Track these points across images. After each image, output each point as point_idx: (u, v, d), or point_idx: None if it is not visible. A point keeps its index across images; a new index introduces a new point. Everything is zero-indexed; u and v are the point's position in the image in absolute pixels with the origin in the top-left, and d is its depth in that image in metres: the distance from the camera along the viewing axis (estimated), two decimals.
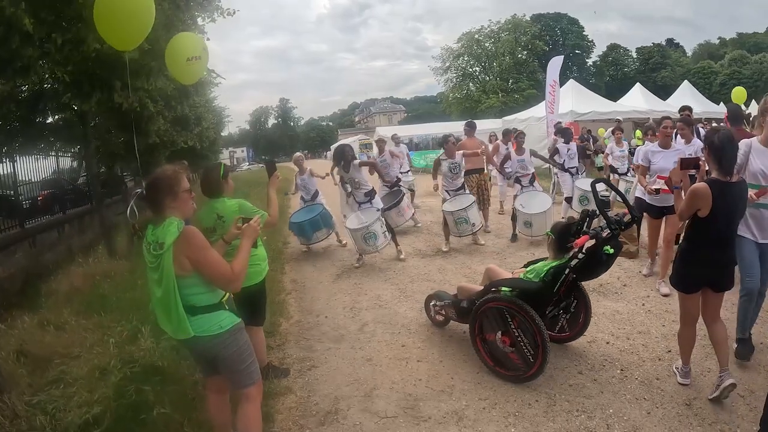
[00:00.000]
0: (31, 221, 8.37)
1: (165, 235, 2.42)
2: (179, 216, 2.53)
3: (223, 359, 2.63)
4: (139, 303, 5.57)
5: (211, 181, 3.65)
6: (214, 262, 2.50)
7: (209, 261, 2.49)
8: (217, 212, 3.57)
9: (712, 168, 3.23)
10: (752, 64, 50.39)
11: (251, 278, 3.62)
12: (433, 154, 26.69)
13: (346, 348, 4.48)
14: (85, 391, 3.63)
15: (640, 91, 23.16)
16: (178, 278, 2.44)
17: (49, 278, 7.13)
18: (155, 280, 2.49)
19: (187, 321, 2.46)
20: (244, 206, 3.61)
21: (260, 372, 3.76)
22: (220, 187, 3.65)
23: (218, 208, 3.58)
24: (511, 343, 3.63)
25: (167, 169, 2.61)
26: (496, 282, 3.92)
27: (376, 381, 3.85)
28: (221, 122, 22.03)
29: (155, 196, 2.52)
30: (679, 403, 3.25)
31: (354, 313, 5.35)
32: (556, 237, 3.74)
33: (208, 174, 3.72)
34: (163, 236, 2.43)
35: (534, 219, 7.64)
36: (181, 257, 2.43)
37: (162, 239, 2.43)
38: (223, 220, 3.54)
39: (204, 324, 2.54)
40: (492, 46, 55.36)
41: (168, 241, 2.40)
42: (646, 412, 3.19)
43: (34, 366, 4.22)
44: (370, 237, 6.95)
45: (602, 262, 3.57)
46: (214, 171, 3.72)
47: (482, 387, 3.66)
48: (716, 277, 3.28)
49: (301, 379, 3.93)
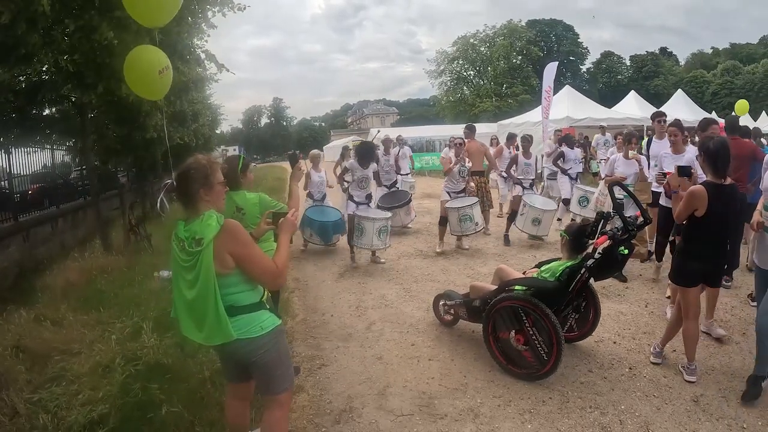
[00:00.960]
0: (25, 215, 8.21)
1: (204, 230, 2.24)
2: (213, 209, 2.37)
3: (261, 364, 2.43)
4: (138, 299, 5.48)
5: (230, 172, 3.54)
6: (259, 257, 2.34)
7: (255, 257, 2.32)
8: (236, 204, 3.52)
9: (707, 171, 3.54)
10: (744, 74, 50.95)
11: None
12: (428, 156, 26.82)
13: (355, 346, 4.41)
14: (88, 388, 3.53)
15: (634, 98, 23.37)
16: (218, 276, 2.26)
17: (44, 273, 6.98)
18: (188, 280, 2.30)
19: (229, 323, 2.26)
20: (264, 200, 3.55)
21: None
22: (238, 179, 3.57)
23: (237, 201, 3.53)
24: (525, 342, 3.64)
25: (200, 158, 2.41)
26: (511, 281, 3.91)
27: (388, 379, 3.79)
28: (216, 120, 21.81)
29: (188, 188, 2.32)
30: (686, 399, 3.36)
31: (360, 312, 5.28)
32: (571, 237, 3.82)
33: (230, 163, 3.64)
34: (201, 231, 2.25)
35: (544, 216, 7.74)
36: (223, 253, 2.25)
37: (200, 235, 2.24)
38: (243, 212, 3.49)
39: (244, 326, 2.35)
40: (487, 50, 55.53)
41: (208, 237, 2.22)
42: (656, 408, 3.28)
43: (32, 362, 4.11)
44: (384, 232, 6.86)
45: (617, 263, 3.70)
46: (233, 162, 3.64)
47: (495, 385, 3.67)
48: (711, 270, 3.62)
49: (312, 378, 3.85)
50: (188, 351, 4.03)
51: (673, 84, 51.74)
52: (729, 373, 3.67)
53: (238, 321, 2.33)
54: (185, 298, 2.32)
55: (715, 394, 3.40)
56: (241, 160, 3.66)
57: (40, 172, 10.00)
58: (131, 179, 15.50)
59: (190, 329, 2.36)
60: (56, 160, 10.97)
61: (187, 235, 2.31)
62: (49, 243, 8.62)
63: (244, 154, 3.29)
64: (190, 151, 18.14)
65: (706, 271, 3.58)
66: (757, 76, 50.07)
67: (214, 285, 2.24)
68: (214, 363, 3.76)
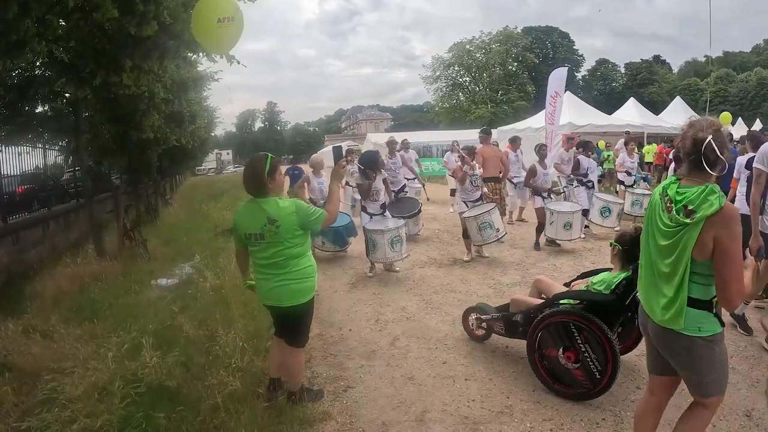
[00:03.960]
0: (14, 216, 7.73)
1: (703, 204, 2.06)
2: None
3: (688, 363, 2.28)
4: (135, 311, 5.03)
5: (255, 175, 2.98)
6: (739, 260, 2.10)
7: (736, 256, 2.08)
8: (268, 215, 2.93)
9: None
10: (738, 82, 51.42)
11: (305, 294, 3.11)
12: (427, 162, 26.49)
13: (381, 365, 3.99)
14: (83, 415, 3.09)
15: (634, 105, 23.31)
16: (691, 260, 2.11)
17: (33, 279, 6.51)
18: (666, 247, 2.18)
19: (684, 312, 2.15)
20: (301, 208, 3.01)
21: (292, 395, 3.29)
22: (265, 184, 2.98)
23: (269, 211, 2.94)
24: (576, 360, 3.31)
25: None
26: (561, 294, 3.56)
27: (424, 403, 3.38)
28: (212, 122, 21.34)
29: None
30: (739, 414, 3.20)
31: (381, 326, 4.87)
32: (624, 247, 3.46)
33: (251, 167, 3.02)
34: (700, 204, 2.07)
35: (574, 218, 7.51)
36: (707, 237, 2.07)
37: (699, 207, 2.07)
38: (277, 225, 2.92)
39: (688, 320, 2.17)
40: (483, 56, 55.68)
41: (706, 213, 2.05)
42: (711, 425, 3.03)
43: (20, 382, 3.68)
44: (397, 242, 6.50)
45: None
46: (257, 164, 2.99)
47: (543, 406, 3.34)
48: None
49: (339, 403, 3.42)
50: (195, 372, 3.61)
51: (667, 92, 52.11)
52: None
53: (688, 313, 2.18)
54: (659, 268, 2.25)
55: (765, 408, 3.23)
56: (268, 161, 2.99)
57: (31, 172, 9.52)
58: (126, 181, 15.00)
59: (653, 300, 2.31)
60: (48, 160, 10.49)
61: (678, 198, 2.15)
62: (40, 247, 8.15)
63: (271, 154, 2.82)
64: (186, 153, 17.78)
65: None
66: (750, 84, 50.56)
67: (687, 265, 2.12)
68: (225, 386, 3.35)
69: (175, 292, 5.70)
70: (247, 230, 3.02)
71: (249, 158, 3.16)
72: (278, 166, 3.07)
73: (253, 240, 3.01)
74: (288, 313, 3.12)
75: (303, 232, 3.05)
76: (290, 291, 3.04)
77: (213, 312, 4.69)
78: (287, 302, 3.06)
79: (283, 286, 3.02)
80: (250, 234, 3.01)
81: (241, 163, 63.64)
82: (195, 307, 5.02)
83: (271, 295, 3.08)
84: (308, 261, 3.13)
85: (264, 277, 3.08)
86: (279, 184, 3.08)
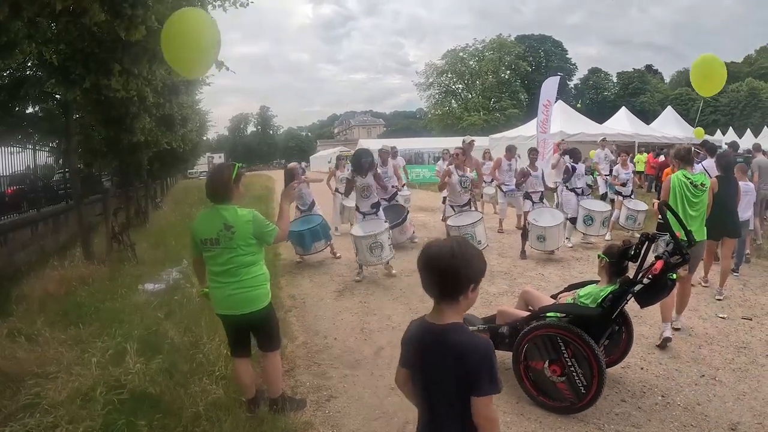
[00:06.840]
0: (3, 217, 7.68)
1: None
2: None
3: None
4: (121, 316, 5.01)
5: (221, 182, 3.11)
6: None
7: None
8: (224, 221, 3.03)
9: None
10: (729, 92, 51.85)
11: (261, 300, 3.17)
12: (418, 169, 26.57)
13: (365, 375, 3.99)
14: (66, 421, 3.08)
15: (625, 114, 23.57)
16: None
17: (20, 281, 6.45)
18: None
19: None
20: (258, 220, 3.10)
21: (274, 403, 3.28)
22: (229, 191, 3.11)
23: (227, 217, 3.05)
24: (562, 373, 3.32)
25: None
26: (547, 307, 3.58)
27: (407, 414, 3.35)
28: (204, 126, 21.25)
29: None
30: (724, 428, 3.22)
31: (365, 335, 4.87)
32: (611, 260, 3.54)
33: (219, 174, 3.17)
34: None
35: (548, 232, 7.50)
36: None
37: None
38: (233, 231, 3.01)
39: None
40: (476, 64, 56.00)
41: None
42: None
43: (3, 386, 3.66)
44: (376, 247, 6.53)
45: (666, 288, 3.41)
46: (225, 171, 3.16)
47: (526, 419, 3.35)
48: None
49: (321, 413, 3.42)
50: (178, 379, 3.59)
51: (658, 101, 52.55)
52: (761, 398, 3.54)
53: None
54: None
55: (751, 420, 3.27)
56: (235, 169, 3.17)
57: (20, 173, 9.46)
58: (116, 184, 14.91)
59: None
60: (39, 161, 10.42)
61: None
62: (29, 248, 8.10)
63: (237, 162, 2.86)
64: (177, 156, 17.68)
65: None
66: (741, 94, 51.05)
67: None
68: (208, 394, 3.34)
69: (161, 297, 5.68)
70: (203, 235, 3.09)
71: (216, 166, 3.33)
72: (242, 176, 3.24)
73: (209, 245, 3.07)
74: (249, 320, 3.15)
75: (256, 242, 3.12)
76: (246, 298, 3.10)
77: (198, 319, 4.67)
78: (246, 309, 3.11)
79: (239, 294, 3.08)
80: (206, 239, 3.08)
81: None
82: (181, 313, 5.01)
83: (228, 303, 3.13)
84: (260, 269, 3.20)
85: (218, 285, 3.13)
86: (240, 193, 3.21)
